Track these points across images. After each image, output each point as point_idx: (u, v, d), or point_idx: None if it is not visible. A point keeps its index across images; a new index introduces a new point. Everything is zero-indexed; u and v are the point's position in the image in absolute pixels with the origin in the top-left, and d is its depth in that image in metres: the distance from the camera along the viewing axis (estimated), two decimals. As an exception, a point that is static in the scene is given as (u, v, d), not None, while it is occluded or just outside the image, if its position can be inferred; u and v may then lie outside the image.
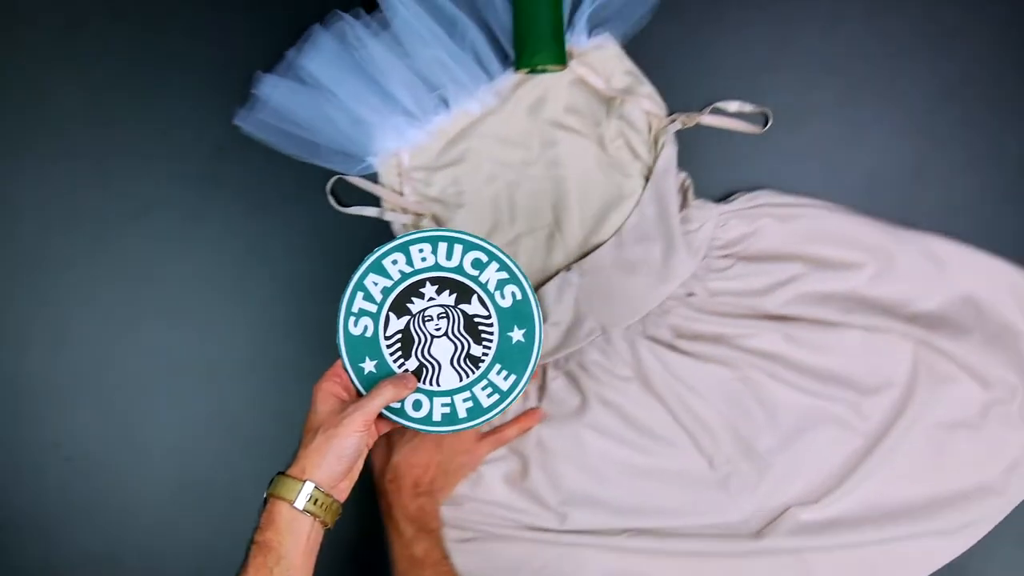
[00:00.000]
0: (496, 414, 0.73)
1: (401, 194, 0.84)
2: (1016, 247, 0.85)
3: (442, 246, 0.73)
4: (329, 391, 0.70)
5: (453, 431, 0.73)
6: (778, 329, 0.81)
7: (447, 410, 0.73)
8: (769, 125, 0.84)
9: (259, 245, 0.86)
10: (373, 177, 0.85)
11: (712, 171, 0.86)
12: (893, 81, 0.86)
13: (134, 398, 0.85)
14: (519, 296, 0.72)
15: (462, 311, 0.73)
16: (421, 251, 0.73)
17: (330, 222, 0.86)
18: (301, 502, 0.62)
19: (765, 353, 0.81)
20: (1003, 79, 0.86)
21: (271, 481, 0.64)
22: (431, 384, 0.73)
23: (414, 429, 0.72)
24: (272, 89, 0.81)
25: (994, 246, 0.85)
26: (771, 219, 0.82)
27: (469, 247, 0.73)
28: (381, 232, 0.84)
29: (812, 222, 0.82)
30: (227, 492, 0.82)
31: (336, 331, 0.73)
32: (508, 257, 0.73)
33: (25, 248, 0.85)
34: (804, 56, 0.86)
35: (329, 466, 0.64)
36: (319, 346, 0.84)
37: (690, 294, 0.82)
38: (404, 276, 0.73)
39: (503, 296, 0.72)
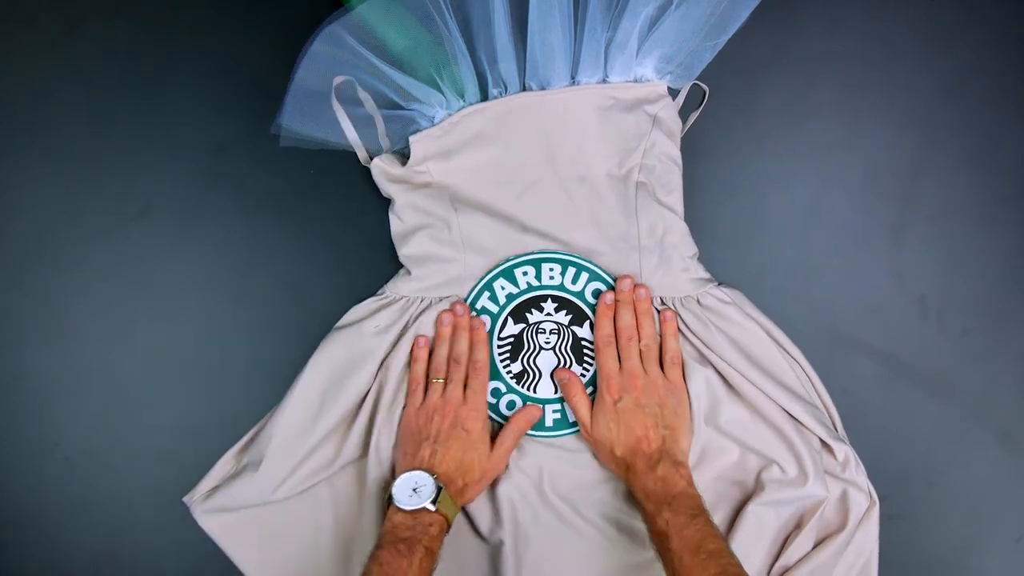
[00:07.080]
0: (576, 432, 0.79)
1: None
2: (1016, 247, 0.85)
3: (570, 270, 0.78)
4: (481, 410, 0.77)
5: (541, 437, 0.79)
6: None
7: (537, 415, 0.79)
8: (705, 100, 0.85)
9: (259, 245, 0.86)
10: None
11: (712, 171, 0.86)
12: (893, 81, 0.86)
13: (134, 398, 0.85)
14: None
15: (573, 332, 0.79)
16: (551, 270, 0.79)
17: (330, 222, 0.86)
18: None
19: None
20: (1003, 79, 0.86)
21: (438, 494, 0.71)
22: (529, 390, 0.79)
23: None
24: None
25: (994, 246, 0.85)
26: (726, 324, 0.80)
27: (594, 277, 0.78)
28: (381, 231, 0.84)
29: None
30: (227, 492, 0.82)
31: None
32: None
33: (25, 248, 0.85)
34: (804, 56, 0.86)
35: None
36: (318, 345, 0.85)
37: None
38: (530, 288, 0.79)
39: None
